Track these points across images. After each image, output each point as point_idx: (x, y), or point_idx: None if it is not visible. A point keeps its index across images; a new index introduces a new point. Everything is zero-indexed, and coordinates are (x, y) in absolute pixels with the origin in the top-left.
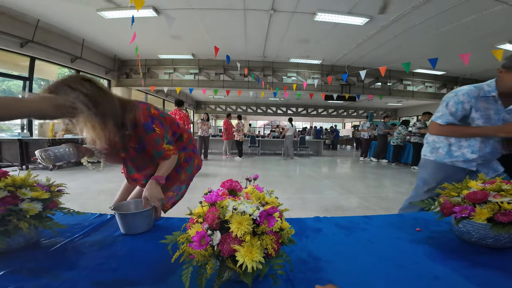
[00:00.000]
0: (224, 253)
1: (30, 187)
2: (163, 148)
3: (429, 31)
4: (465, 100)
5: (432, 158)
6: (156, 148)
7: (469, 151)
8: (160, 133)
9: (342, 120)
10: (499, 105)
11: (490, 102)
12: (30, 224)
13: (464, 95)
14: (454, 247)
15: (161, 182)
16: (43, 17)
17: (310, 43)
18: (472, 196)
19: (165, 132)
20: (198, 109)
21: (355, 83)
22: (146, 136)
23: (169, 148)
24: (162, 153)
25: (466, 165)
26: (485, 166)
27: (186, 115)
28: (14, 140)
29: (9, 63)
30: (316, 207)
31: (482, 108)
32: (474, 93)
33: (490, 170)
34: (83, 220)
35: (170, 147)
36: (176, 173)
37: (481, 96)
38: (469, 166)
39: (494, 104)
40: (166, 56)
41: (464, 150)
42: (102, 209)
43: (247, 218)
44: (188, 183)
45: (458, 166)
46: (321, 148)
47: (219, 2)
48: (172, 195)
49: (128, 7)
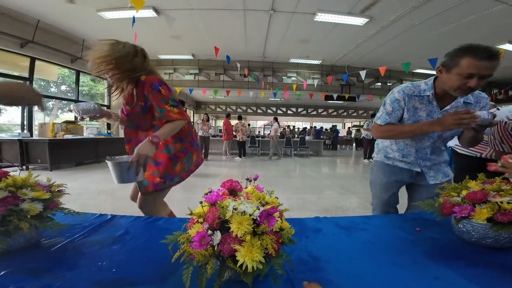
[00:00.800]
0: (225, 253)
1: (31, 187)
2: (165, 108)
3: (429, 31)
4: (400, 98)
5: (378, 159)
6: (159, 105)
7: (400, 155)
8: (165, 94)
9: (342, 120)
10: (434, 106)
11: (424, 103)
12: (31, 224)
13: (399, 92)
14: (454, 247)
15: (154, 141)
16: (43, 18)
17: (310, 43)
18: (472, 196)
19: (171, 96)
20: (198, 109)
21: (355, 83)
22: (152, 93)
23: (172, 110)
24: (164, 111)
25: (406, 165)
26: (433, 169)
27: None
28: (14, 141)
29: (9, 64)
30: (316, 207)
31: (412, 109)
32: (409, 91)
33: (439, 174)
34: (84, 220)
35: (174, 109)
36: (169, 160)
37: (415, 95)
38: (410, 166)
39: (427, 105)
40: (166, 56)
41: (396, 154)
42: (102, 209)
43: (247, 218)
44: (183, 177)
45: (398, 166)
46: (321, 148)
47: (219, 2)
48: (159, 182)
49: (128, 7)
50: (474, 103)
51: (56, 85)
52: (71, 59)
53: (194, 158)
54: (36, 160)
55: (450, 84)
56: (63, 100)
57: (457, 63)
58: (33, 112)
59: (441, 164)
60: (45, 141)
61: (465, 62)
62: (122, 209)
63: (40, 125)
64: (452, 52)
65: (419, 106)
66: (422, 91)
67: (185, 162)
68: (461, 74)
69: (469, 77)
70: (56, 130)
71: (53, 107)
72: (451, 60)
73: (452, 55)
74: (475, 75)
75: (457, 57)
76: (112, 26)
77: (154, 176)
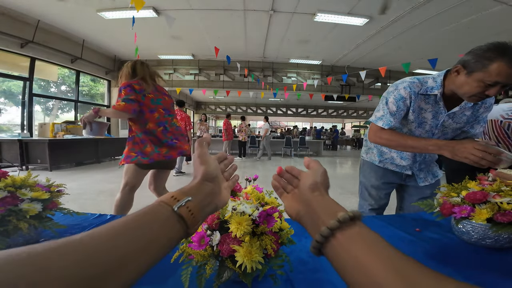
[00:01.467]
0: (224, 253)
1: (30, 188)
2: (117, 101)
3: (429, 32)
4: (407, 96)
5: (367, 159)
6: (117, 99)
7: (398, 156)
8: (123, 94)
9: (342, 120)
10: (441, 106)
11: (430, 102)
12: (30, 224)
13: (406, 89)
14: (454, 248)
15: (94, 111)
16: (43, 18)
17: (310, 43)
18: (472, 196)
19: (125, 96)
20: (198, 110)
21: (355, 83)
22: (118, 93)
23: (119, 103)
24: (115, 103)
25: (398, 169)
26: (423, 170)
27: (187, 116)
28: (14, 141)
29: (9, 64)
30: None
31: (417, 109)
32: (416, 88)
33: (429, 175)
34: (83, 220)
35: (121, 103)
36: (128, 140)
37: (421, 93)
38: (402, 170)
39: (433, 105)
40: (166, 56)
41: (394, 154)
42: (101, 210)
43: (246, 218)
44: (139, 156)
45: (389, 169)
46: (321, 148)
47: (219, 3)
48: (129, 155)
49: (128, 7)
50: (480, 102)
51: (56, 85)
52: (71, 59)
53: (145, 150)
54: (36, 160)
55: (466, 89)
56: (63, 100)
57: (484, 66)
58: (33, 112)
59: (431, 164)
60: (45, 141)
61: (495, 67)
62: None
63: (40, 125)
64: (480, 51)
65: (424, 106)
66: (430, 89)
67: (136, 148)
68: (485, 81)
69: (493, 85)
70: (56, 130)
71: (53, 107)
72: (477, 62)
73: (481, 56)
74: (500, 84)
75: (487, 59)
76: (113, 26)
77: (127, 151)
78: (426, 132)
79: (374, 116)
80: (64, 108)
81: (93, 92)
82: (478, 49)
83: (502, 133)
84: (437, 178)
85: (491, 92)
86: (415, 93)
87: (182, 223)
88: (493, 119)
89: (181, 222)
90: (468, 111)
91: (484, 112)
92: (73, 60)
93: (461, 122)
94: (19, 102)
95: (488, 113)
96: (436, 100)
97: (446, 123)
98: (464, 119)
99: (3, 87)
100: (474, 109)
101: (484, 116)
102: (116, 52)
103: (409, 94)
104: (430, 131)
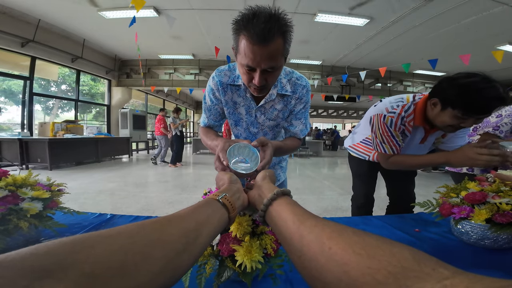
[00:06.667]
0: (224, 253)
1: (31, 187)
2: None
3: (429, 32)
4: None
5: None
6: None
7: None
8: None
9: (342, 121)
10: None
11: (241, 95)
12: (30, 223)
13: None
14: (453, 248)
15: None
16: (44, 17)
17: (310, 44)
18: (471, 197)
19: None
20: (198, 110)
21: (355, 84)
22: None
23: None
24: None
25: None
26: None
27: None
28: (14, 140)
29: (10, 63)
30: (315, 208)
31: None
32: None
33: None
34: (83, 219)
35: None
36: None
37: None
38: None
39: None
40: (167, 56)
41: None
42: (101, 209)
43: (246, 218)
44: None
45: None
46: (321, 148)
47: (220, 3)
48: None
49: (128, 7)
50: (291, 93)
51: (57, 84)
52: (72, 59)
53: None
54: (36, 160)
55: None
56: (63, 100)
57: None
58: (33, 111)
59: None
60: (45, 140)
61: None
62: (122, 209)
63: (40, 124)
64: (454, 88)
65: (237, 100)
66: (405, 118)
67: None
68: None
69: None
70: (56, 129)
71: (53, 106)
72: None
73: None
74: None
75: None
76: (113, 26)
77: None
78: (244, 130)
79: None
80: (64, 108)
81: (93, 91)
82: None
83: (385, 130)
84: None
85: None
86: (402, 117)
87: (225, 209)
88: (377, 114)
89: (224, 208)
90: (278, 105)
91: (297, 105)
92: (73, 60)
93: (274, 118)
94: (20, 101)
95: (302, 106)
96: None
97: (259, 119)
98: (276, 113)
99: (4, 86)
100: (284, 101)
101: (300, 110)
102: (116, 51)
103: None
104: (247, 129)
